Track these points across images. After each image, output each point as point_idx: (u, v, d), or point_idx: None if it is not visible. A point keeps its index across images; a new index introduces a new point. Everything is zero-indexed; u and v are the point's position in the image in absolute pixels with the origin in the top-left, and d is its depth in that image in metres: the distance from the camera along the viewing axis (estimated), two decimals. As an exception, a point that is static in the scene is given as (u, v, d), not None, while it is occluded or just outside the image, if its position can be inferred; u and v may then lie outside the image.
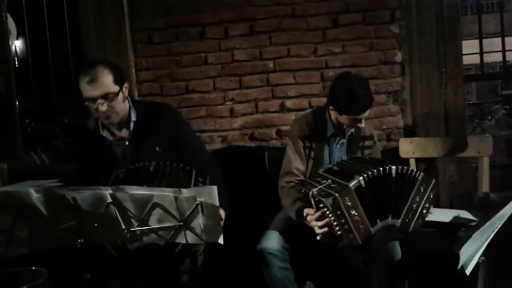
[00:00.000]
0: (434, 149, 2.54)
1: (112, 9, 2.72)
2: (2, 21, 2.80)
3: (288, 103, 2.78)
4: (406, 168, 1.78)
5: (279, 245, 1.94)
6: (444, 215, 2.17)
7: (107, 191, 1.44)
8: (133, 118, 1.95)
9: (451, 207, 2.57)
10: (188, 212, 1.46)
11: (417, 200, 1.78)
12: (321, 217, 1.74)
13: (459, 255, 1.34)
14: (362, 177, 1.69)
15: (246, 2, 2.73)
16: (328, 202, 1.66)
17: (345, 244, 1.71)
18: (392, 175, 1.75)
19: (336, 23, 2.74)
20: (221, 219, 1.63)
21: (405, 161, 2.49)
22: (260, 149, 2.77)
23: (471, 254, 1.37)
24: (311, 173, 2.08)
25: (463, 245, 1.33)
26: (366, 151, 2.19)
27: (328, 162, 2.13)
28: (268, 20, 2.74)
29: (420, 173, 1.80)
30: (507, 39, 3.30)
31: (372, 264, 1.80)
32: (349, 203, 1.65)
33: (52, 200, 1.43)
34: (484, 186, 2.38)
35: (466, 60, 2.87)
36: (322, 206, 1.70)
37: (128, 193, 1.45)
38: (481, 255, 1.38)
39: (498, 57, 4.09)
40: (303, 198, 1.87)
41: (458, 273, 1.36)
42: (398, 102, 2.79)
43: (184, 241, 1.52)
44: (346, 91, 1.94)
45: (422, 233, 1.87)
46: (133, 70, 2.78)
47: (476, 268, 1.40)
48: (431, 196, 1.81)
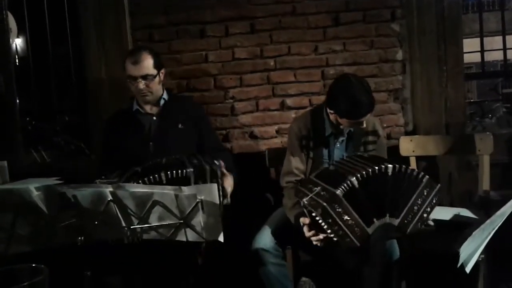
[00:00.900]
0: (434, 148, 2.54)
1: (112, 7, 2.72)
2: (2, 19, 2.80)
3: (289, 101, 2.78)
4: (404, 167, 1.74)
5: (272, 242, 1.94)
6: (445, 213, 2.17)
7: (107, 189, 1.44)
8: (165, 97, 2.25)
9: (451, 205, 2.56)
10: (189, 210, 1.46)
11: (419, 202, 1.74)
12: (315, 226, 1.74)
13: (459, 253, 1.34)
14: (355, 177, 1.67)
15: (246, 0, 2.73)
16: (318, 212, 1.65)
17: (344, 248, 1.70)
18: (389, 174, 1.72)
19: (337, 21, 2.73)
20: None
21: (406, 160, 2.49)
22: (261, 147, 2.78)
23: (471, 252, 1.37)
24: (310, 173, 2.05)
25: (463, 243, 1.33)
26: (370, 146, 2.12)
27: (328, 162, 2.10)
28: (268, 18, 2.74)
29: (425, 175, 1.76)
30: (508, 37, 3.29)
31: (366, 263, 1.78)
32: (339, 210, 1.63)
33: (52, 198, 1.43)
34: (485, 184, 2.38)
35: (467, 58, 2.86)
36: (314, 215, 1.70)
37: (129, 191, 1.45)
38: (481, 253, 1.38)
39: (499, 56, 4.10)
40: (298, 205, 1.87)
41: (458, 271, 1.37)
42: (398, 100, 2.78)
43: (184, 239, 1.52)
44: (347, 96, 1.88)
45: (422, 231, 1.85)
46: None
47: (477, 266, 1.40)
48: (433, 201, 1.78)
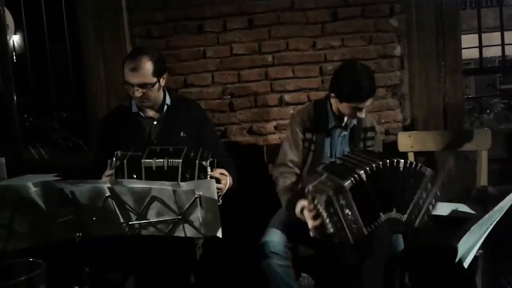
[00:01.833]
0: (432, 143, 2.54)
1: (110, 3, 2.71)
2: (0, 15, 2.79)
3: (287, 97, 2.77)
4: (414, 164, 1.74)
5: (282, 244, 1.94)
6: (443, 208, 2.17)
7: (105, 185, 1.44)
8: (168, 101, 2.11)
9: (449, 200, 2.57)
10: (187, 206, 1.46)
11: (424, 196, 1.74)
12: (315, 212, 1.74)
13: (458, 248, 1.34)
14: (364, 170, 1.67)
15: (244, -5, 2.72)
16: (322, 200, 1.66)
17: (336, 241, 1.70)
18: (400, 169, 1.71)
19: (335, 16, 2.73)
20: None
21: (404, 155, 2.49)
22: (259, 143, 2.77)
23: (469, 247, 1.37)
24: (311, 166, 2.06)
25: (461, 238, 1.33)
26: (368, 142, 2.15)
27: (329, 155, 2.11)
28: (267, 13, 2.73)
29: (428, 169, 1.76)
30: (506, 33, 3.29)
31: (370, 256, 1.80)
32: (343, 202, 1.63)
33: (50, 194, 1.43)
34: (483, 179, 2.39)
35: (465, 54, 2.85)
36: (316, 202, 1.70)
37: (127, 187, 1.45)
38: (479, 248, 1.39)
39: (497, 52, 4.08)
40: (300, 192, 1.86)
41: (457, 266, 1.37)
42: (397, 96, 2.78)
43: (182, 235, 1.52)
44: (350, 77, 1.94)
45: (428, 224, 1.86)
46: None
47: (475, 261, 1.41)
48: (437, 193, 1.79)
